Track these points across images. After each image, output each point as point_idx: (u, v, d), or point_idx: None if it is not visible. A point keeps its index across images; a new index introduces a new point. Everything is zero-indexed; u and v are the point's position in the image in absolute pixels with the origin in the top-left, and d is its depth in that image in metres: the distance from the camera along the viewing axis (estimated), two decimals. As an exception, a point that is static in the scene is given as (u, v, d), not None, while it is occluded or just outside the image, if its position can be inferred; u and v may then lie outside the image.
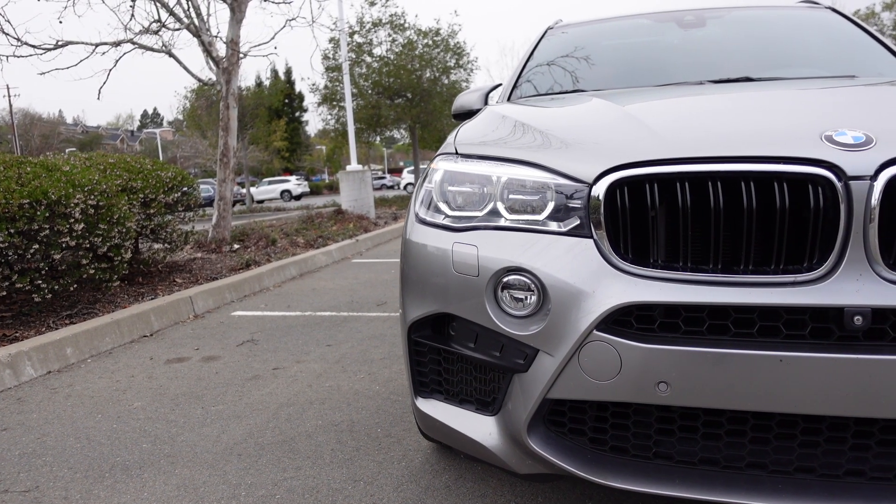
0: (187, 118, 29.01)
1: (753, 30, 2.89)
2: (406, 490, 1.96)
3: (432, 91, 19.79)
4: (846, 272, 1.18)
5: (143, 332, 4.24)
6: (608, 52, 2.94)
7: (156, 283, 5.43)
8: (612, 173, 1.32)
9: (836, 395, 1.18)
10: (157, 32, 7.01)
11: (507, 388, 1.50)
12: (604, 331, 1.29)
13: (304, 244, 8.06)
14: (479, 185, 1.57)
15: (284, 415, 2.64)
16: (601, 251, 1.33)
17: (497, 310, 1.45)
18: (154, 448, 2.38)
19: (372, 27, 19.41)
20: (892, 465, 1.26)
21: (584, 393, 1.34)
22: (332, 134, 23.13)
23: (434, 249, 1.58)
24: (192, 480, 2.10)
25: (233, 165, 7.82)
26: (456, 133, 1.85)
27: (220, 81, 7.61)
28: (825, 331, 1.21)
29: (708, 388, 1.24)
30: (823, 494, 1.26)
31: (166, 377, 3.27)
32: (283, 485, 2.04)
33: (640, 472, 1.38)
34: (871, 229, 1.16)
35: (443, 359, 1.67)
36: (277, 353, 3.62)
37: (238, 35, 7.49)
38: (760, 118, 1.42)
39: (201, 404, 2.83)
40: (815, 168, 1.19)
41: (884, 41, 2.70)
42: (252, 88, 29.32)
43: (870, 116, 1.33)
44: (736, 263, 1.26)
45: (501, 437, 1.54)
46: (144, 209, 5.39)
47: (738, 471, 1.34)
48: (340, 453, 2.24)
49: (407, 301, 1.68)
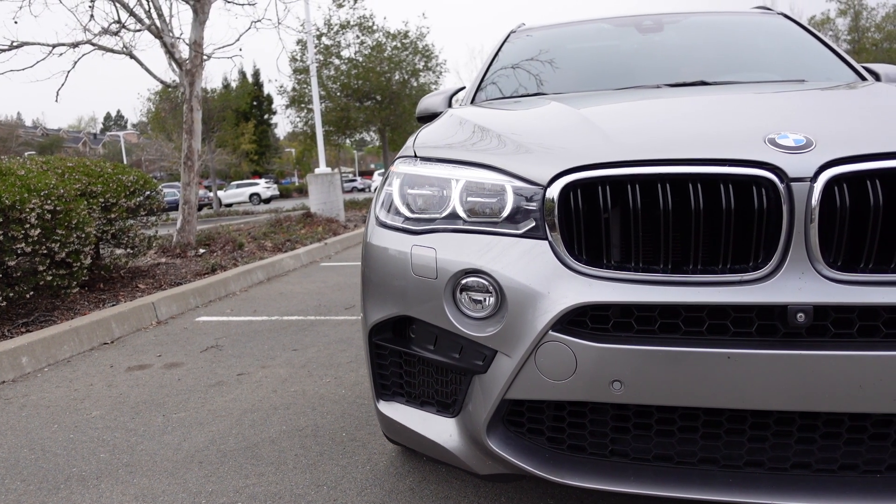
0: (151, 121, 28.47)
1: (709, 35, 2.96)
2: (370, 494, 1.96)
3: (401, 93, 19.79)
4: (789, 271, 1.22)
5: (104, 340, 4.15)
6: (570, 56, 2.98)
7: (118, 289, 5.31)
8: (565, 176, 1.35)
9: (782, 391, 1.22)
10: (116, 33, 6.87)
11: (466, 390, 1.51)
12: (559, 331, 1.31)
13: (272, 248, 7.97)
14: (439, 188, 1.58)
15: (248, 421, 2.61)
16: (556, 253, 1.35)
17: (456, 312, 1.46)
18: (112, 457, 2.33)
19: (340, 29, 19.32)
20: (835, 457, 1.30)
21: (542, 393, 1.36)
22: (301, 137, 22.96)
23: (394, 252, 1.58)
24: (150, 490, 2.06)
25: (198, 169, 7.70)
26: (416, 136, 1.85)
27: (183, 83, 7.48)
28: (771, 328, 1.24)
29: (660, 386, 1.27)
30: (772, 487, 1.30)
31: (127, 385, 3.21)
32: (245, 491, 2.01)
33: (596, 469, 1.40)
34: (812, 229, 1.20)
35: (404, 361, 1.68)
36: (242, 358, 3.58)
37: (201, 37, 7.38)
38: (709, 122, 1.46)
39: (162, 412, 2.78)
40: (759, 170, 1.22)
41: (833, 47, 2.80)
42: (218, 90, 28.87)
43: (812, 120, 1.38)
44: (686, 263, 1.29)
45: (462, 439, 1.55)
46: (105, 214, 5.28)
47: (691, 466, 1.37)
48: (304, 458, 2.23)
49: (368, 304, 1.68)
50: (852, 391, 1.19)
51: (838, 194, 1.20)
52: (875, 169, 1.19)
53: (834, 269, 1.21)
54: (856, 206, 1.21)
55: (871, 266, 1.22)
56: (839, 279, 1.21)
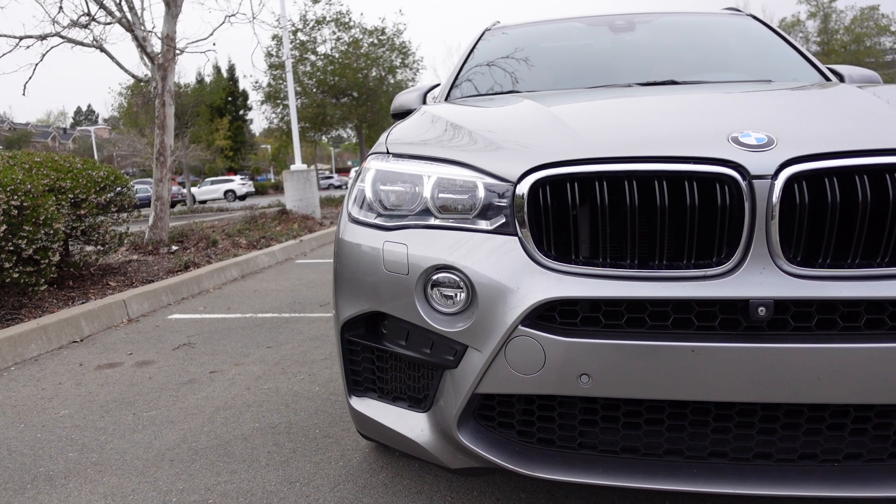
0: (124, 116, 27.98)
1: (680, 35, 3.01)
2: (343, 490, 1.96)
3: (378, 90, 19.71)
4: (751, 266, 1.25)
5: (73, 338, 4.08)
6: (543, 55, 3.01)
7: (88, 286, 5.22)
8: (534, 173, 1.36)
9: (744, 383, 1.25)
10: (86, 26, 6.73)
11: (438, 385, 1.52)
12: (528, 326, 1.32)
13: (246, 245, 7.90)
14: (411, 185, 1.58)
15: (220, 418, 2.59)
16: (526, 249, 1.37)
17: (427, 307, 1.46)
18: (81, 457, 2.29)
19: (316, 25, 19.18)
20: (795, 447, 1.34)
21: (511, 387, 1.38)
22: (277, 133, 22.75)
23: (366, 248, 1.59)
24: (120, 488, 2.04)
25: (170, 164, 7.59)
26: (388, 133, 1.86)
27: (155, 78, 7.37)
28: (733, 322, 1.27)
29: (626, 379, 1.29)
30: (735, 477, 1.33)
31: (96, 384, 3.16)
32: (216, 489, 2.00)
33: (565, 462, 1.42)
34: (773, 226, 1.23)
35: (376, 357, 1.68)
36: (215, 356, 3.55)
37: (174, 30, 7.27)
38: (676, 120, 1.49)
39: (133, 410, 2.74)
40: (722, 168, 1.25)
41: (799, 48, 2.86)
42: (192, 85, 28.46)
43: (775, 119, 1.42)
44: (652, 259, 1.31)
45: (433, 433, 1.56)
46: (74, 210, 5.17)
47: (656, 457, 1.40)
48: (277, 455, 2.22)
49: (340, 300, 1.69)
50: (811, 383, 1.23)
51: (798, 191, 1.23)
52: (833, 167, 1.23)
53: (794, 265, 1.25)
54: (815, 203, 1.25)
55: (829, 261, 1.25)
56: (798, 274, 1.24)
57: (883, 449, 1.33)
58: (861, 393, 1.22)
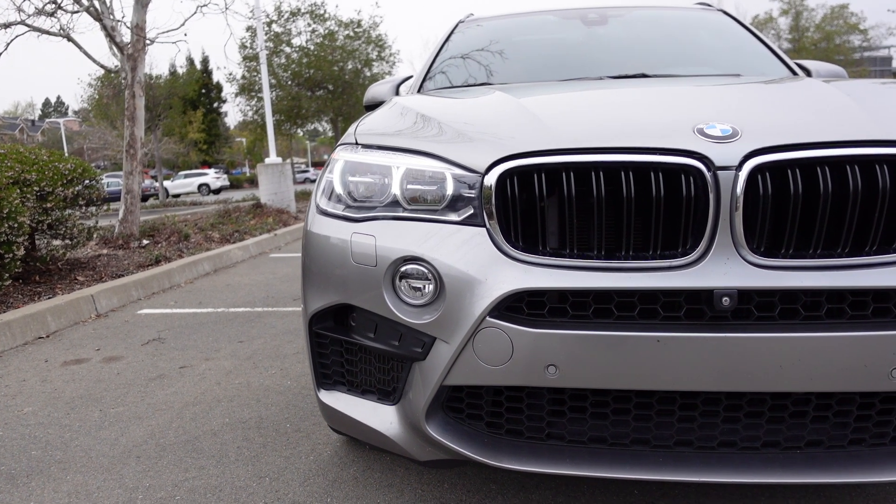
0: (94, 107, 27.35)
1: (652, 29, 3.02)
2: (313, 484, 1.94)
3: (354, 83, 19.56)
4: (716, 256, 1.26)
5: (39, 334, 3.98)
6: (516, 47, 3.00)
7: (55, 281, 5.10)
8: (501, 164, 1.36)
9: (708, 372, 1.26)
10: (52, 14, 6.56)
11: (406, 377, 1.51)
12: (496, 317, 1.32)
13: (219, 239, 7.79)
14: (380, 176, 1.57)
15: (189, 414, 2.55)
16: (493, 240, 1.36)
17: (395, 299, 1.45)
18: (44, 455, 2.24)
19: (290, 16, 18.94)
20: (758, 435, 1.36)
21: (479, 378, 1.37)
22: (252, 126, 22.46)
23: (334, 240, 1.57)
24: (84, 486, 1.99)
25: (141, 157, 7.45)
26: (358, 124, 1.84)
27: (125, 69, 7.21)
28: (698, 312, 1.29)
29: (593, 370, 1.29)
30: (700, 465, 1.35)
31: (62, 380, 3.09)
32: (184, 485, 1.97)
33: (534, 453, 1.43)
34: (737, 216, 1.25)
35: (344, 350, 1.67)
36: (185, 351, 3.49)
37: (144, 20, 7.12)
38: (644, 112, 1.49)
39: (99, 407, 2.69)
40: (687, 159, 1.26)
41: (768, 43, 2.90)
42: (164, 77, 27.91)
43: (740, 112, 1.43)
44: (618, 250, 1.32)
45: (402, 426, 1.56)
46: (41, 203, 5.05)
47: (623, 447, 1.40)
48: (247, 450, 2.19)
49: (308, 293, 1.67)
50: (773, 372, 1.24)
51: (761, 183, 1.24)
52: (795, 158, 1.24)
53: (757, 255, 1.26)
54: (778, 195, 1.26)
55: (792, 252, 1.27)
56: (762, 264, 1.25)
57: (843, 436, 1.35)
58: (821, 381, 1.24)
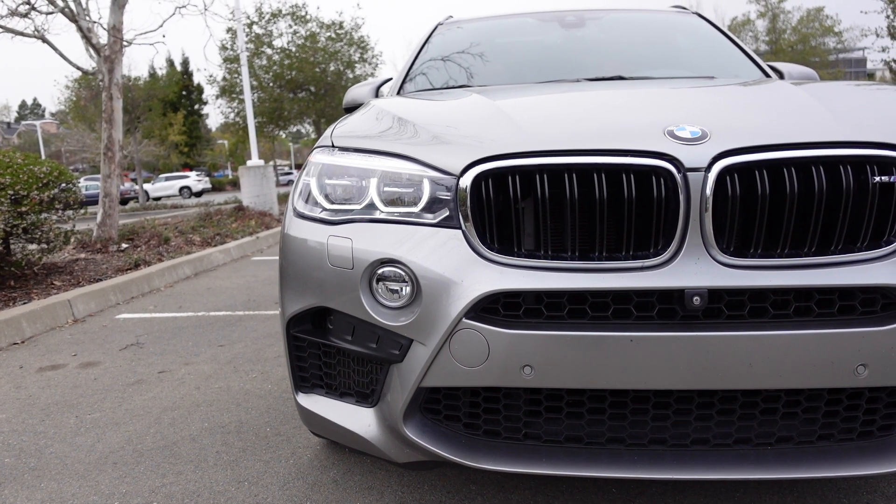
0: (72, 110, 26.99)
1: (628, 32, 3.06)
2: (292, 488, 1.94)
3: (337, 85, 19.48)
4: (686, 256, 1.28)
5: (13, 340, 3.92)
6: (495, 49, 3.02)
7: (31, 286, 5.02)
8: (476, 166, 1.37)
9: (680, 371, 1.28)
10: (26, 15, 6.47)
11: (384, 380, 1.52)
12: (472, 318, 1.33)
13: (200, 242, 7.72)
14: (357, 178, 1.57)
15: (168, 419, 2.53)
16: (469, 242, 1.37)
17: (372, 302, 1.46)
18: (18, 462, 2.21)
19: (272, 18, 18.83)
20: (730, 432, 1.38)
21: (456, 380, 1.38)
22: (234, 128, 22.28)
23: (311, 243, 1.57)
24: (59, 493, 1.97)
25: (119, 160, 7.36)
26: (334, 126, 1.84)
27: (101, 70, 7.12)
28: (670, 311, 1.30)
29: (567, 370, 1.31)
30: (674, 463, 1.37)
31: (37, 386, 3.04)
32: (161, 491, 1.95)
33: (511, 453, 1.44)
34: (707, 217, 1.27)
35: (322, 353, 1.67)
36: (164, 355, 3.46)
37: (121, 21, 7.04)
38: (616, 115, 1.51)
39: (75, 413, 2.66)
40: (658, 160, 1.28)
41: (742, 46, 2.94)
42: (144, 79, 27.62)
43: (711, 114, 1.45)
44: (592, 251, 1.33)
45: (380, 428, 1.56)
46: (15, 207, 4.97)
47: (599, 446, 1.42)
48: (226, 455, 2.18)
49: (286, 296, 1.66)
50: (743, 369, 1.26)
51: (730, 184, 1.26)
52: (762, 160, 1.26)
53: (727, 255, 1.28)
54: (746, 195, 1.28)
55: (761, 251, 1.29)
56: (731, 264, 1.28)
57: (812, 431, 1.38)
58: (790, 378, 1.27)
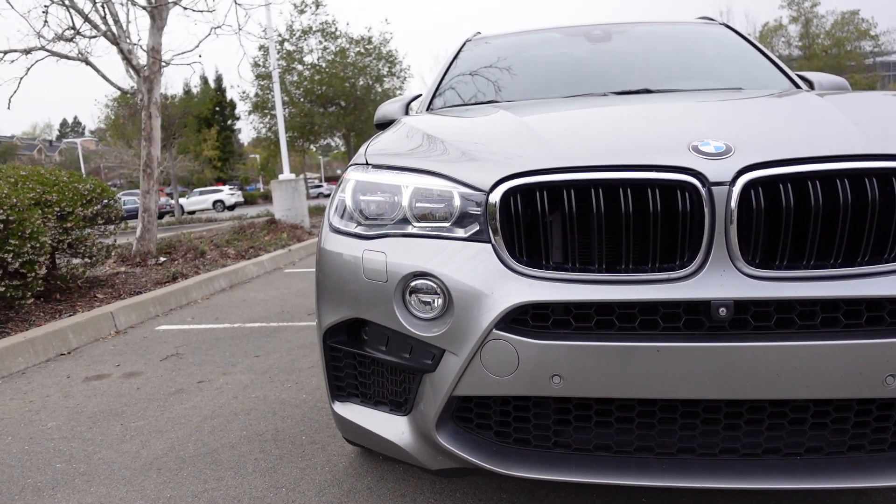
0: (110, 127, 27.87)
1: (655, 44, 3.08)
2: (328, 494, 2.00)
3: (366, 99, 19.77)
4: (712, 268, 1.31)
5: (60, 351, 4.08)
6: (522, 65, 3.07)
7: (75, 299, 5.22)
8: (505, 182, 1.42)
9: (708, 381, 1.31)
10: (71, 40, 6.75)
11: (417, 388, 1.57)
12: (502, 329, 1.37)
13: (234, 255, 7.91)
14: (390, 195, 1.63)
15: (208, 427, 2.62)
16: (499, 255, 1.42)
17: (406, 313, 1.51)
18: (68, 467, 2.32)
19: (302, 35, 19.23)
20: (759, 442, 1.40)
21: (487, 389, 1.42)
22: (266, 142, 22.75)
23: (347, 257, 1.64)
24: (108, 498, 2.06)
25: (157, 176, 7.60)
26: (368, 144, 1.91)
27: (141, 90, 7.39)
28: (696, 322, 1.33)
29: (596, 379, 1.34)
30: (703, 472, 1.39)
31: (84, 395, 3.17)
32: (203, 496, 2.03)
33: (541, 461, 1.47)
34: (732, 230, 1.29)
35: (357, 363, 1.73)
36: (203, 366, 3.57)
37: (159, 43, 7.30)
38: (642, 129, 1.55)
39: (121, 421, 2.77)
40: (683, 175, 1.31)
41: (770, 56, 2.94)
42: (179, 96, 28.40)
43: (735, 128, 1.48)
44: (619, 263, 1.37)
45: (413, 436, 1.61)
46: (61, 223, 5.18)
47: (628, 454, 1.45)
48: (264, 462, 2.25)
49: (322, 308, 1.73)
50: (770, 380, 1.28)
51: (754, 197, 1.29)
52: (786, 174, 1.29)
53: (752, 267, 1.31)
54: (771, 208, 1.31)
55: (786, 263, 1.31)
56: (757, 276, 1.30)
57: (842, 442, 1.39)
58: (818, 388, 1.28)
